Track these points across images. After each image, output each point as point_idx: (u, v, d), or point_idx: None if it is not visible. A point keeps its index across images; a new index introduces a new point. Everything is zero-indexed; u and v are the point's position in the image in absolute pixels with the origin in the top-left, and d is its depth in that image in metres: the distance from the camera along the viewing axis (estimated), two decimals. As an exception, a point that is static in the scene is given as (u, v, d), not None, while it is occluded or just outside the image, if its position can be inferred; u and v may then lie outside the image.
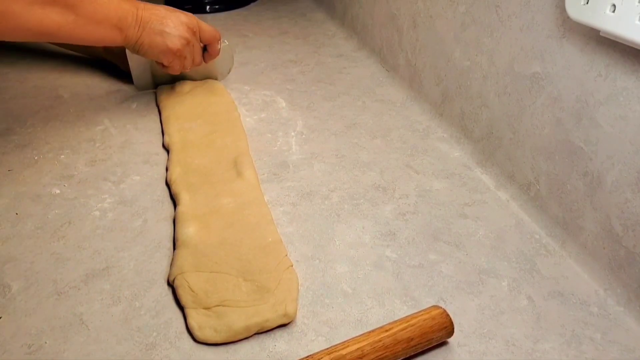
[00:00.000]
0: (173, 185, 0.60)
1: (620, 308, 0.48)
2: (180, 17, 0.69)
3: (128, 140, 0.71)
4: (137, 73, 0.81)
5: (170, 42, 0.68)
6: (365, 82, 0.88)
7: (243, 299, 0.46)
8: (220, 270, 0.48)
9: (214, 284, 0.47)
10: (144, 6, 0.66)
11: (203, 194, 0.58)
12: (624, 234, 0.48)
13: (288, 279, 0.48)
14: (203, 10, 1.20)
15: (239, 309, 0.45)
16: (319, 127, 0.75)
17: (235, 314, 0.45)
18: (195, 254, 0.50)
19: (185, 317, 0.46)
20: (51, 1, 0.56)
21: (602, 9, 0.44)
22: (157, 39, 0.67)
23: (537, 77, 0.56)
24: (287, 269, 0.49)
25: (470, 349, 0.44)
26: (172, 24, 0.68)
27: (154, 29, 0.66)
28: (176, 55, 0.70)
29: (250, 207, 0.56)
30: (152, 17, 0.66)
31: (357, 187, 0.63)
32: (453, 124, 0.73)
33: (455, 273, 0.52)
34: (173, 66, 0.72)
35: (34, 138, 0.71)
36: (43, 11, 0.55)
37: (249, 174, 0.61)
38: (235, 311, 0.45)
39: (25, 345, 0.44)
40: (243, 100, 0.82)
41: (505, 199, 0.61)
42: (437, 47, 0.75)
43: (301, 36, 1.07)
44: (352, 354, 0.40)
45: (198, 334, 0.44)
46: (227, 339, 0.44)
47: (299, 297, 0.48)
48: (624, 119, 0.47)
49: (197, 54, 0.74)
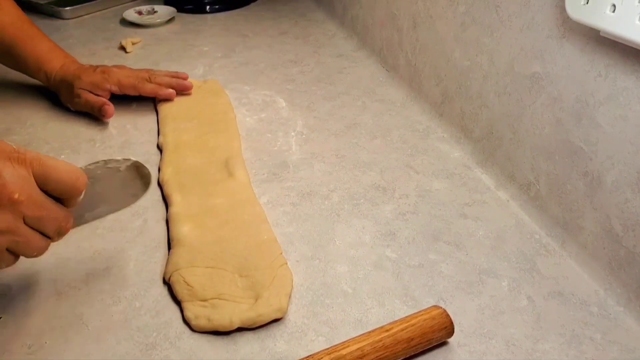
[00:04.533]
0: (165, 185, 0.61)
1: (620, 308, 0.48)
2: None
3: (128, 140, 0.71)
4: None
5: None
6: (365, 82, 0.88)
7: (239, 294, 0.47)
8: (216, 266, 0.49)
9: (210, 279, 0.48)
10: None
11: (195, 194, 0.58)
12: (624, 234, 0.48)
13: (282, 275, 0.49)
14: (203, 10, 1.20)
15: (235, 303, 0.46)
16: (319, 127, 0.75)
17: (231, 307, 0.45)
18: (190, 251, 0.50)
19: (182, 312, 0.46)
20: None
21: (602, 9, 0.44)
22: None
23: (537, 77, 0.56)
24: (282, 266, 0.50)
25: (470, 349, 0.44)
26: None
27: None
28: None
29: (244, 207, 0.56)
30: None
31: (357, 187, 0.63)
32: (453, 124, 0.73)
33: (455, 273, 0.51)
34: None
35: (34, 138, 0.71)
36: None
37: (240, 174, 0.61)
38: (230, 304, 0.46)
39: (25, 345, 0.44)
40: (243, 100, 0.82)
41: (505, 199, 0.61)
42: (437, 47, 0.75)
43: (301, 36, 1.07)
44: (352, 354, 0.40)
45: (194, 323, 0.45)
46: (220, 328, 0.45)
47: (292, 293, 0.49)
48: (624, 119, 0.47)
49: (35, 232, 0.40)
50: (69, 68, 0.76)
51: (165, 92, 0.77)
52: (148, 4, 1.18)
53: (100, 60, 0.87)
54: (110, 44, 1.03)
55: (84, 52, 0.98)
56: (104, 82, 0.75)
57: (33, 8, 1.17)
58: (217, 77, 0.88)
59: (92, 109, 0.74)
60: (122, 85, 0.76)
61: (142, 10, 1.16)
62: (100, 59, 0.95)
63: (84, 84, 0.74)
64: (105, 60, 0.92)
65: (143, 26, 1.12)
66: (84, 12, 1.18)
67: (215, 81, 0.85)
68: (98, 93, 0.74)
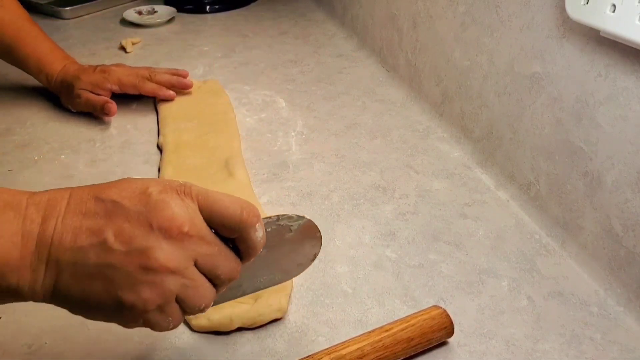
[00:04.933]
0: None
1: (620, 308, 0.48)
2: (155, 206, 0.32)
3: (128, 140, 0.71)
4: None
5: (125, 291, 0.32)
6: (365, 82, 0.88)
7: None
8: None
9: None
10: (58, 199, 0.32)
11: None
12: (624, 234, 0.48)
13: None
14: (203, 10, 1.20)
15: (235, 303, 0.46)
16: (319, 127, 0.75)
17: (231, 307, 0.45)
18: None
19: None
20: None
21: (602, 9, 0.44)
22: (96, 286, 0.32)
23: (537, 77, 0.56)
24: None
25: (470, 349, 0.44)
26: (124, 241, 0.31)
27: (84, 264, 0.31)
28: (147, 311, 0.32)
29: None
30: (78, 229, 0.31)
31: (357, 187, 0.63)
32: (453, 124, 0.73)
33: (455, 273, 0.51)
34: (152, 325, 0.34)
35: (34, 138, 0.71)
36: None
37: (240, 174, 0.61)
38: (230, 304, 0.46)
39: (25, 345, 0.44)
40: (243, 100, 0.82)
41: (505, 199, 0.61)
42: (437, 47, 0.75)
43: (301, 36, 1.07)
44: (352, 354, 0.40)
45: (194, 323, 0.45)
46: (221, 328, 0.45)
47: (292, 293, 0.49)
48: (624, 119, 0.47)
49: (204, 278, 0.34)
50: (68, 70, 0.76)
51: (166, 93, 0.77)
52: (148, 4, 1.18)
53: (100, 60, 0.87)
54: (110, 44, 1.03)
55: (84, 52, 0.98)
56: (104, 81, 0.75)
57: (33, 8, 1.17)
58: (217, 77, 0.88)
59: (93, 109, 0.74)
60: (123, 84, 0.76)
61: (142, 10, 1.16)
62: (100, 59, 0.95)
63: (84, 84, 0.74)
64: (105, 60, 0.92)
65: (143, 26, 1.12)
66: (84, 12, 1.18)
67: (215, 81, 0.85)
68: (99, 93, 0.74)
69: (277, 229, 0.40)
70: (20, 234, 0.30)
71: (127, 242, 0.31)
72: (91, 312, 0.33)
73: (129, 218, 0.31)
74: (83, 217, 0.31)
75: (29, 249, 0.30)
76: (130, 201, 0.32)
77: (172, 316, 0.34)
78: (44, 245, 0.31)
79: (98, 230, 0.31)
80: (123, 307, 0.32)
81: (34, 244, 0.31)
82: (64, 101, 0.77)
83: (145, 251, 0.31)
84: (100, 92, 0.74)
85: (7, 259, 0.30)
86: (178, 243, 0.32)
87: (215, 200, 0.34)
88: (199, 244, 0.33)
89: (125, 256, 0.31)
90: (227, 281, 0.35)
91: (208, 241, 0.33)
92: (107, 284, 0.31)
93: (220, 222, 0.34)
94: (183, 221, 0.32)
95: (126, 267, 0.31)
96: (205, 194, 0.34)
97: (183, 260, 0.32)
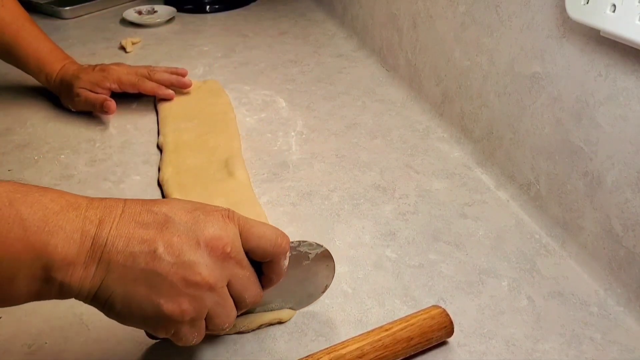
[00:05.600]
0: (165, 185, 0.61)
1: (620, 308, 0.48)
2: (203, 226, 0.35)
3: (128, 140, 0.71)
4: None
5: (166, 299, 0.34)
6: (365, 82, 0.88)
7: None
8: None
9: None
10: (114, 207, 0.34)
11: (195, 194, 0.58)
12: (624, 234, 0.48)
13: None
14: (203, 10, 1.20)
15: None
16: (319, 127, 0.75)
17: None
18: None
19: None
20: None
21: (602, 9, 0.44)
22: (139, 290, 0.33)
23: (537, 77, 0.56)
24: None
25: (470, 349, 0.44)
26: (173, 253, 0.33)
27: (132, 268, 0.33)
28: (181, 322, 0.35)
29: (244, 207, 0.56)
30: (131, 236, 0.33)
31: (357, 187, 0.63)
32: (453, 124, 0.73)
33: (455, 273, 0.51)
34: (180, 338, 0.36)
35: (34, 138, 0.71)
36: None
37: (240, 174, 0.61)
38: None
39: (25, 345, 0.44)
40: (243, 100, 0.82)
41: (505, 199, 0.61)
42: (437, 47, 0.75)
43: (301, 36, 1.07)
44: (352, 354, 0.40)
45: None
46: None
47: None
48: (624, 119, 0.47)
49: (232, 300, 0.37)
50: (68, 69, 0.76)
51: (165, 93, 0.77)
52: (148, 4, 1.18)
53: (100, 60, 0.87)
54: (110, 43, 1.03)
55: (84, 52, 0.98)
56: (103, 80, 0.75)
57: (33, 8, 1.17)
58: (217, 77, 0.88)
59: (93, 107, 0.74)
60: (122, 83, 0.76)
61: (142, 10, 1.16)
62: (100, 58, 0.94)
63: (83, 83, 0.74)
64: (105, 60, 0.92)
65: (143, 26, 1.12)
66: (84, 12, 1.18)
67: (215, 81, 0.85)
68: (98, 91, 0.74)
69: (296, 254, 0.41)
70: (80, 231, 0.32)
71: (175, 254, 0.33)
72: (128, 315, 0.34)
73: (179, 232, 0.34)
74: (136, 226, 0.34)
75: (85, 247, 0.32)
76: (181, 217, 0.35)
77: (198, 331, 0.36)
78: (98, 246, 0.33)
79: (149, 240, 0.33)
80: (161, 315, 0.34)
81: (90, 243, 0.32)
82: (63, 101, 0.77)
83: (191, 265, 0.34)
84: (100, 91, 0.74)
85: (65, 253, 0.32)
86: (220, 262, 0.35)
87: (253, 226, 0.37)
88: (236, 266, 0.36)
89: (171, 267, 0.33)
90: (249, 305, 0.38)
91: (243, 265, 0.36)
92: (150, 290, 0.33)
93: (257, 245, 0.37)
94: (227, 242, 0.35)
95: (171, 278, 0.33)
96: (245, 220, 0.37)
97: (220, 279, 0.35)
